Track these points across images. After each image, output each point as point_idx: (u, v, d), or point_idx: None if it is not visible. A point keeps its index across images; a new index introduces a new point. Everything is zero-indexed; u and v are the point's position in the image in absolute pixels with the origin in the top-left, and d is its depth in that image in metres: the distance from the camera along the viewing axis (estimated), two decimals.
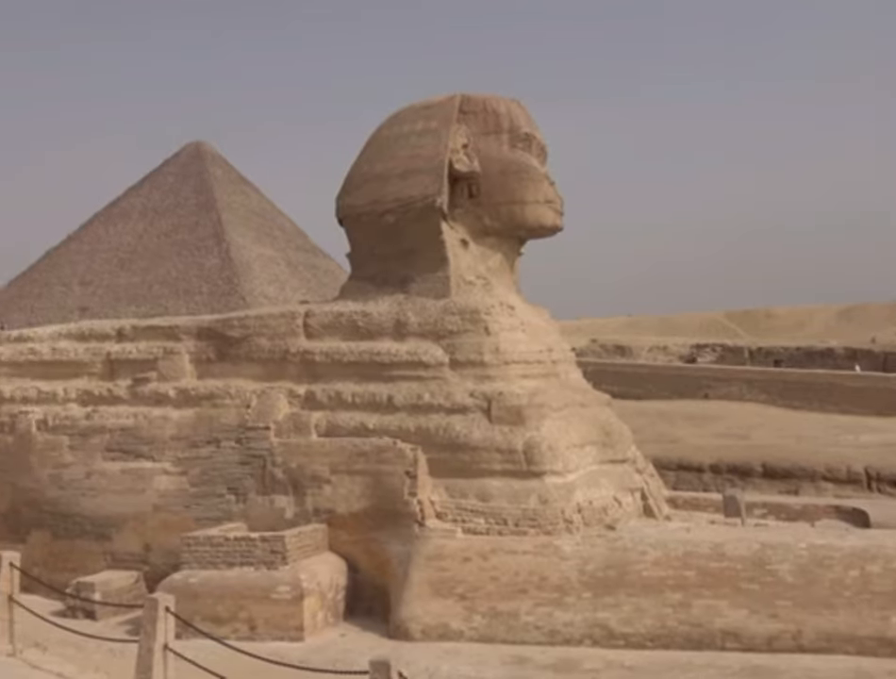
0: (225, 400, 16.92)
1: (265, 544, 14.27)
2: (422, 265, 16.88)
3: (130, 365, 18.20)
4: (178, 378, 17.63)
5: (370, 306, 16.92)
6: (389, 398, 15.83)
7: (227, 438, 16.48)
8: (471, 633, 13.50)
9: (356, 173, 18.05)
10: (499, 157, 17.13)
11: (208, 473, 16.41)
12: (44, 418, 17.94)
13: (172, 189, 66.80)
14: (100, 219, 68.34)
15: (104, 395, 18.04)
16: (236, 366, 17.36)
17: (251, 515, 15.90)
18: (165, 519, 16.46)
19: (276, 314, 17.70)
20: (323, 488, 15.56)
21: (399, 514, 14.80)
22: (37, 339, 19.69)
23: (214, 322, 18.18)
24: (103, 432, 17.43)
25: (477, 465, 14.98)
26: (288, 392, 16.60)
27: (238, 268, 61.59)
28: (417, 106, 17.89)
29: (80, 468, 17.40)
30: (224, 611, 13.88)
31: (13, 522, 17.85)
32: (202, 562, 14.36)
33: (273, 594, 13.84)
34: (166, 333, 18.36)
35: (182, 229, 64.40)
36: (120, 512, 16.84)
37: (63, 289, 64.13)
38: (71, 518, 17.27)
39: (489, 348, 15.87)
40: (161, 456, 16.88)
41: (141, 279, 62.58)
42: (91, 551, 16.97)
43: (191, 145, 70.32)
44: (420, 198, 16.92)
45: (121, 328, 19.11)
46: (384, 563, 14.93)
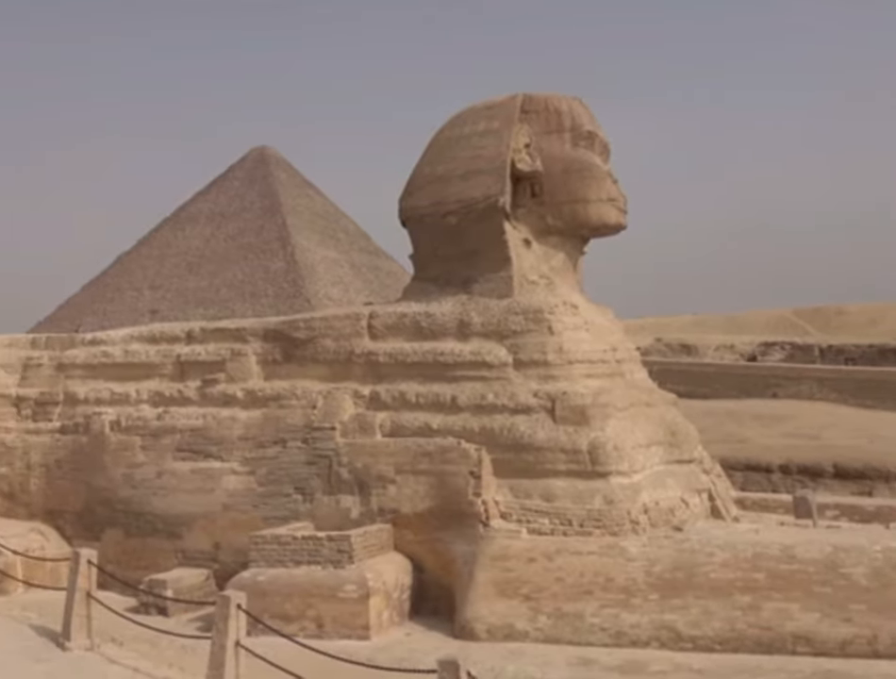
0: (292, 401, 17.15)
1: (332, 543, 14.41)
2: (484, 265, 16.88)
3: (199, 367, 18.55)
4: (246, 379, 17.92)
5: (433, 307, 16.98)
6: (453, 398, 15.87)
7: (294, 439, 16.69)
8: (536, 633, 13.45)
9: (419, 175, 18.13)
10: (561, 156, 17.04)
11: (275, 473, 16.64)
12: (117, 419, 18.39)
13: (238, 193, 67.95)
14: (169, 224, 69.88)
15: (174, 396, 18.43)
16: (302, 367, 17.57)
17: (317, 514, 16.07)
18: (234, 518, 16.74)
19: (341, 315, 17.88)
20: (388, 487, 15.65)
21: (463, 514, 14.82)
22: (110, 341, 20.19)
23: (280, 324, 18.44)
24: (173, 432, 17.80)
25: (542, 465, 14.93)
26: (353, 393, 16.74)
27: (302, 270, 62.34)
28: (478, 106, 17.90)
29: (152, 467, 17.80)
30: (292, 609, 14.05)
31: (88, 521, 18.34)
32: (270, 561, 14.56)
33: (339, 593, 13.97)
34: (234, 335, 18.68)
35: (248, 233, 65.46)
36: (190, 511, 17.17)
37: (134, 292, 65.70)
38: (143, 516, 17.66)
39: (553, 348, 15.80)
40: (230, 456, 17.16)
41: (208, 282, 63.79)
42: (163, 549, 17.33)
43: (256, 150, 71.44)
44: (482, 198, 16.92)
45: (190, 331, 19.50)
46: (449, 563, 14.96)
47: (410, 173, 18.33)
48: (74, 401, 19.41)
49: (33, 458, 19.14)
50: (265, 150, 71.28)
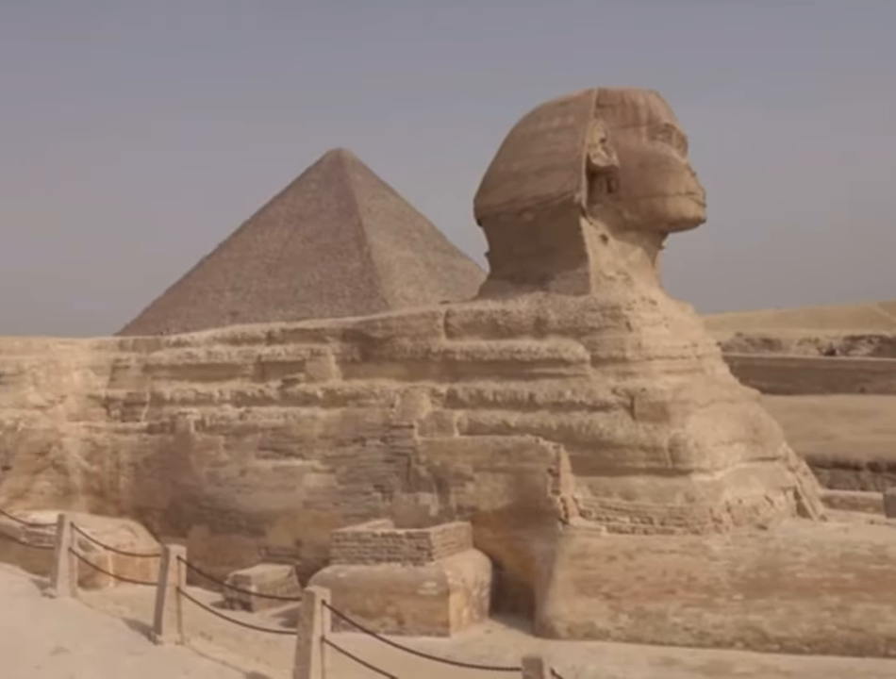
0: (370, 399, 17.33)
1: (411, 541, 14.51)
2: (561, 262, 16.79)
3: (280, 367, 18.88)
4: (325, 379, 18.17)
5: (509, 305, 16.95)
6: (531, 396, 15.82)
7: (373, 437, 16.86)
8: (617, 632, 13.33)
9: (494, 173, 18.12)
10: (638, 150, 16.85)
11: (355, 471, 16.84)
12: (202, 418, 18.84)
13: (315, 195, 68.87)
14: (249, 227, 71.24)
15: (256, 396, 18.79)
16: (380, 366, 17.74)
17: (397, 512, 16.21)
18: (315, 515, 16.99)
19: (418, 315, 17.99)
20: (467, 485, 15.69)
21: (542, 512, 14.77)
22: (193, 343, 20.70)
23: (358, 324, 18.64)
24: (255, 431, 18.15)
25: (621, 463, 14.79)
26: (430, 391, 16.84)
27: (378, 270, 62.86)
28: (553, 102, 17.80)
29: (235, 466, 18.18)
30: (372, 605, 14.20)
31: (175, 518, 18.83)
32: (350, 557, 14.74)
33: (419, 590, 14.07)
34: (313, 335, 18.96)
35: (325, 234, 66.29)
36: (272, 508, 17.48)
37: (216, 295, 67.13)
38: (227, 514, 18.06)
39: (632, 344, 15.63)
40: (310, 455, 17.43)
41: (287, 284, 64.81)
42: (247, 545, 17.69)
43: (332, 152, 72.29)
44: (558, 195, 16.83)
45: (270, 331, 19.86)
46: (528, 561, 14.93)
47: (485, 172, 18.34)
48: (161, 401, 19.96)
49: (122, 457, 19.75)
50: (341, 152, 72.07)
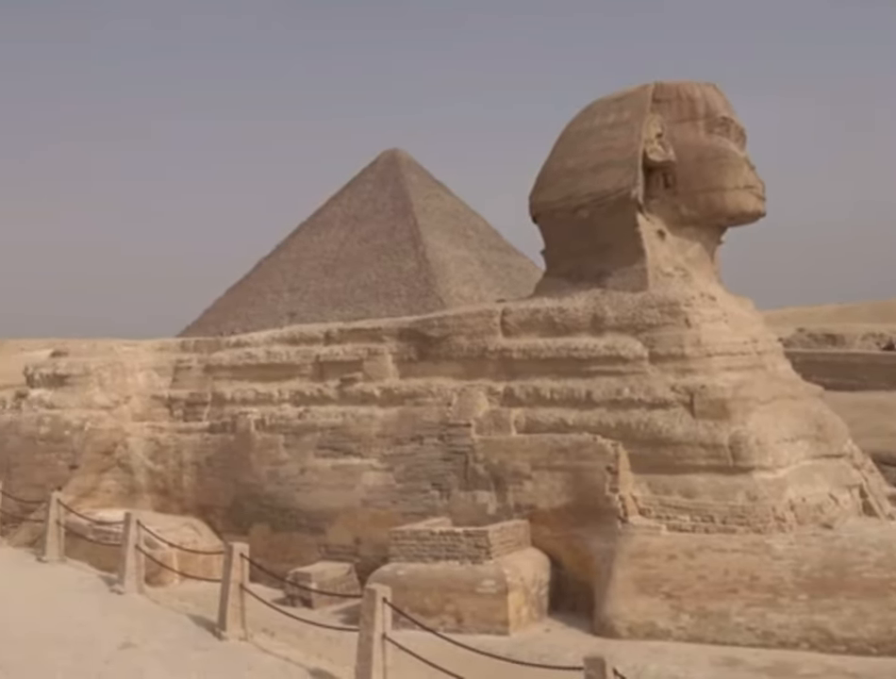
0: (427, 398, 17.39)
1: (469, 539, 14.53)
2: (618, 259, 16.66)
3: (338, 366, 19.05)
4: (382, 378, 18.28)
5: (566, 302, 16.87)
6: (588, 393, 15.73)
7: (430, 436, 16.92)
8: (678, 632, 13.19)
9: (549, 170, 18.05)
10: (695, 144, 16.64)
11: (413, 470, 16.91)
12: (262, 418, 19.09)
13: (370, 196, 69.39)
14: (305, 228, 72.09)
15: (314, 395, 18.98)
16: (436, 365, 17.79)
17: (454, 510, 16.24)
18: (374, 513, 17.09)
19: (474, 313, 18.00)
20: (524, 483, 15.66)
21: (601, 510, 14.68)
22: (253, 343, 21.00)
23: (414, 323, 18.72)
24: (314, 430, 18.33)
25: (681, 460, 14.63)
26: (487, 390, 16.84)
27: (434, 269, 63.11)
28: (608, 98, 17.68)
29: (295, 465, 18.38)
30: (431, 603, 14.25)
31: (237, 516, 19.11)
32: (409, 555, 14.81)
33: (477, 588, 14.08)
34: (370, 335, 19.09)
35: (381, 234, 66.77)
36: (332, 507, 17.63)
37: (274, 295, 68.08)
38: (288, 512, 18.27)
39: (691, 340, 15.45)
40: (368, 453, 17.55)
41: (343, 284, 65.44)
42: (307, 543, 17.86)
43: (387, 153, 72.76)
44: (614, 191, 16.71)
45: (328, 331, 20.05)
46: (587, 559, 14.85)
47: (540, 169, 18.28)
48: (222, 401, 20.28)
49: (185, 456, 20.11)
50: (396, 152, 72.50)
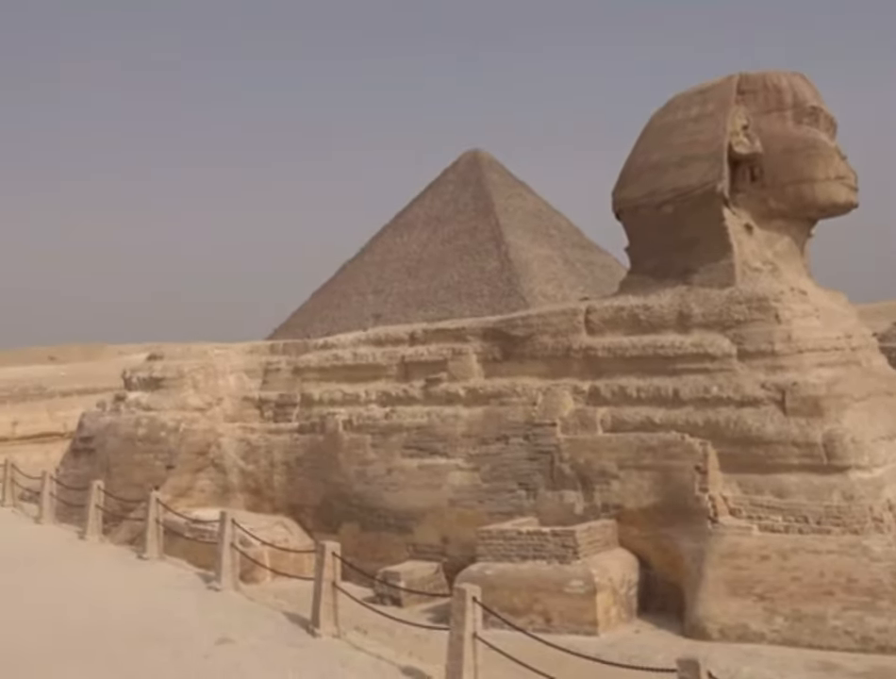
0: (512, 398, 17.41)
1: (556, 539, 14.50)
2: (704, 254, 16.40)
3: (423, 367, 19.22)
4: (467, 378, 18.38)
5: (651, 300, 16.68)
6: (675, 392, 15.53)
7: (515, 435, 16.93)
8: (772, 635, 12.91)
9: (632, 166, 17.88)
10: (783, 135, 16.27)
11: (499, 469, 16.95)
12: (349, 418, 19.40)
13: (452, 197, 69.67)
14: (389, 230, 72.82)
15: (400, 396, 19.20)
16: (521, 364, 17.80)
17: (541, 510, 16.22)
18: (460, 513, 17.20)
19: (558, 312, 17.95)
20: (611, 483, 15.54)
21: (690, 510, 14.48)
22: (339, 345, 21.36)
23: (498, 323, 18.77)
24: (400, 431, 18.53)
25: (772, 459, 14.32)
26: (572, 389, 16.77)
27: (517, 269, 62.99)
28: (691, 91, 17.41)
29: (382, 464, 18.62)
30: (519, 603, 14.26)
31: (326, 515, 19.45)
32: (496, 555, 14.85)
33: (565, 588, 14.03)
34: (454, 335, 19.22)
35: (463, 235, 66.96)
36: (419, 506, 17.80)
37: (359, 298, 68.93)
38: (376, 511, 18.51)
39: (781, 336, 15.10)
40: (454, 453, 17.66)
41: (427, 285, 65.84)
42: (395, 542, 18.07)
43: (469, 153, 72.92)
44: (699, 185, 16.45)
45: (413, 332, 20.26)
46: (676, 560, 14.66)
47: (623, 165, 18.13)
48: (310, 402, 20.68)
49: (276, 457, 20.57)
50: (477, 153, 72.61)
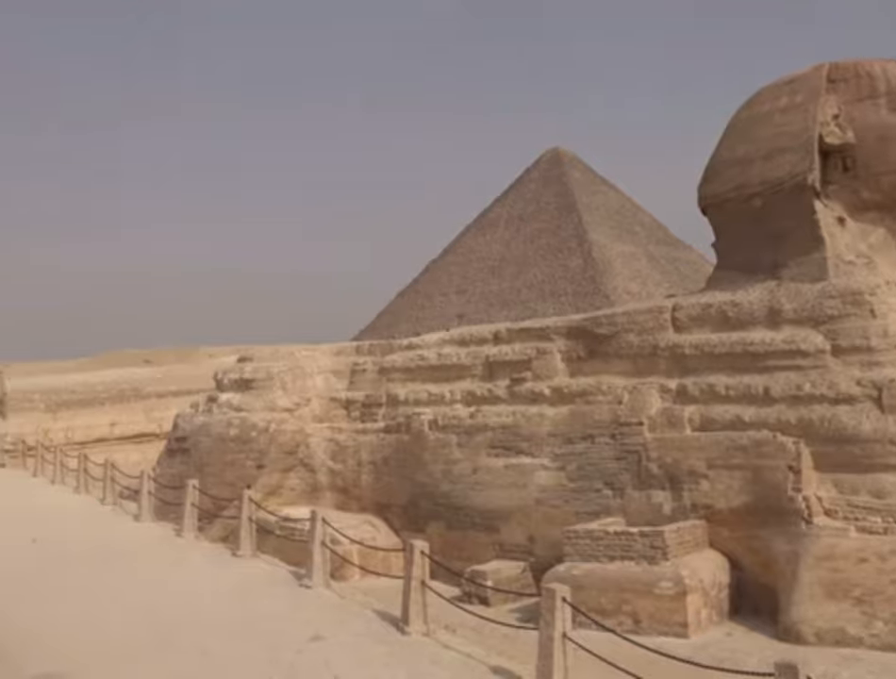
0: (598, 397, 17.27)
1: (644, 539, 14.33)
2: (794, 248, 15.99)
3: (507, 366, 19.23)
4: (552, 377, 18.31)
5: (739, 296, 16.35)
6: (766, 389, 15.17)
7: (601, 434, 16.80)
8: (871, 640, 12.50)
9: (718, 160, 17.56)
10: (877, 124, 15.75)
11: (585, 469, 16.84)
12: (435, 418, 19.53)
13: (534, 195, 69.55)
14: (471, 230, 73.07)
15: (485, 395, 19.24)
16: (606, 363, 17.65)
17: (628, 510, 16.06)
18: (546, 512, 17.14)
19: (643, 309, 17.74)
20: (700, 483, 15.28)
21: (783, 511, 14.13)
22: (424, 345, 21.53)
23: (582, 321, 18.66)
24: (485, 430, 18.57)
25: (869, 459, 13.86)
26: (659, 387, 16.55)
27: (600, 267, 62.56)
28: (779, 82, 17.02)
29: (467, 464, 18.69)
30: (607, 603, 14.13)
31: (413, 514, 19.62)
32: (583, 555, 14.75)
33: (655, 589, 13.85)
34: (538, 334, 19.17)
35: (545, 233, 66.79)
36: (504, 505, 17.81)
37: (442, 298, 69.34)
38: (462, 510, 18.59)
39: (877, 332, 14.62)
40: (540, 453, 17.61)
41: (510, 284, 65.87)
42: (481, 541, 18.11)
43: (550, 151, 72.70)
44: (788, 178, 16.06)
45: (497, 332, 20.29)
46: (769, 561, 14.33)
47: (709, 159, 17.82)
48: (396, 402, 20.89)
49: (363, 456, 20.85)
50: (558, 150, 72.34)
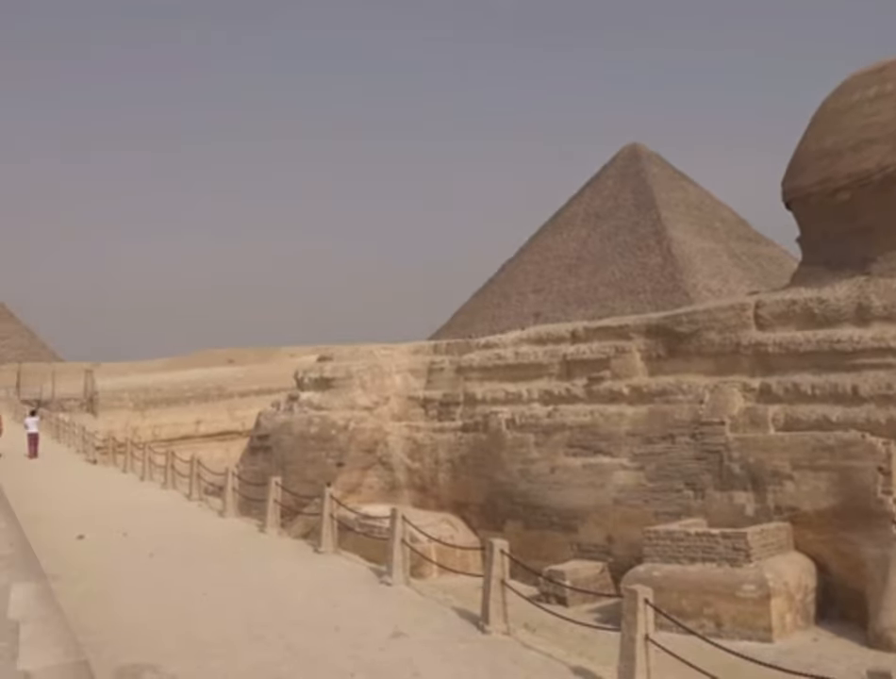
0: (678, 396, 17.01)
1: (727, 541, 14.04)
2: (884, 242, 15.48)
3: (585, 365, 19.09)
4: (630, 376, 18.11)
5: (825, 292, 15.91)
6: (854, 388, 14.72)
7: (682, 434, 16.53)
8: None
9: (803, 153, 17.13)
10: None
11: (665, 469, 16.60)
12: (512, 417, 19.49)
13: (611, 192, 68.96)
14: (547, 229, 72.86)
15: (562, 394, 19.12)
16: (686, 362, 17.37)
17: (709, 511, 15.77)
18: (625, 512, 16.95)
19: (725, 307, 17.41)
20: (785, 484, 14.91)
21: (872, 513, 13.68)
22: (501, 344, 21.51)
23: (662, 319, 18.39)
24: (563, 429, 18.46)
25: None
26: (741, 386, 16.21)
27: (679, 264, 61.73)
28: (866, 71, 16.51)
29: (545, 463, 18.61)
30: (688, 606, 13.89)
31: (491, 513, 19.61)
32: (663, 556, 14.54)
33: (737, 592, 13.56)
34: (616, 332, 18.98)
35: (623, 231, 66.15)
36: (582, 505, 17.68)
37: (519, 297, 69.25)
38: (540, 510, 18.51)
39: None
40: (618, 452, 17.43)
41: (587, 283, 65.43)
42: (559, 541, 18.01)
43: (627, 147, 71.99)
44: (877, 170, 15.57)
45: (574, 330, 20.15)
46: (857, 565, 13.89)
47: (793, 153, 17.39)
48: (473, 401, 20.92)
49: (440, 455, 20.93)
50: (636, 146, 71.61)
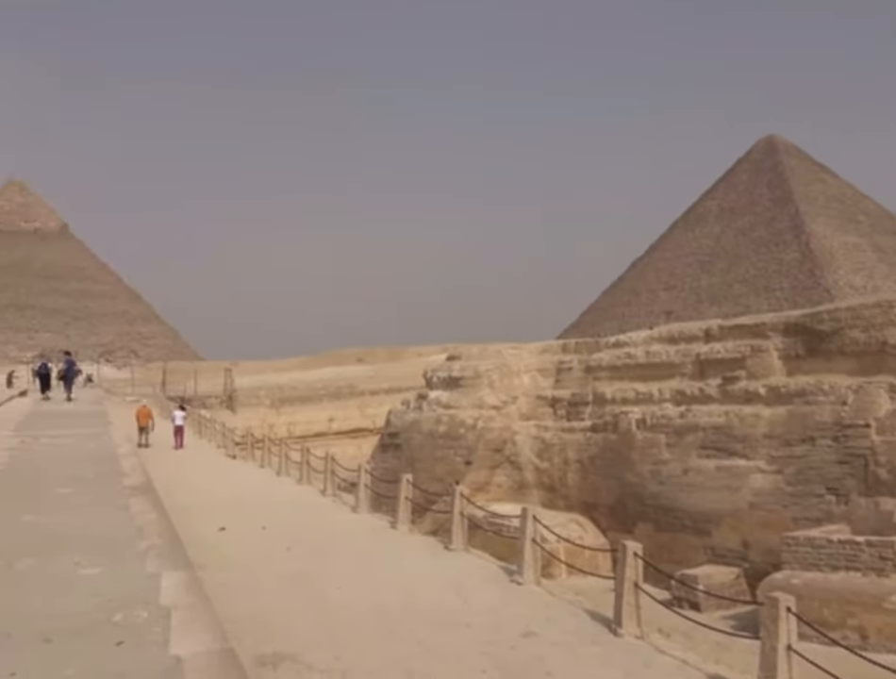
0: (819, 396, 16.35)
1: (873, 549, 13.40)
2: None
3: (718, 364, 18.58)
4: (768, 376, 17.52)
5: None
6: None
7: (823, 437, 15.88)
8: None
9: None
10: None
11: (804, 473, 15.98)
12: (643, 417, 19.17)
13: (746, 187, 66.96)
14: (679, 226, 71.39)
15: (695, 394, 18.68)
16: (827, 361, 16.69)
17: (853, 517, 15.09)
18: (762, 517, 16.41)
19: (871, 304, 16.63)
20: None
21: None
22: (631, 343, 21.18)
23: (801, 317, 17.73)
24: (696, 430, 18.02)
25: None
26: (888, 387, 15.45)
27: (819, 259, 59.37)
28: None
29: (677, 465, 18.21)
30: (830, 616, 13.34)
31: (620, 515, 19.34)
32: (803, 563, 14.00)
33: (885, 603, 12.92)
34: (752, 331, 18.40)
35: (758, 226, 64.13)
36: (716, 508, 17.22)
37: (649, 294, 68.07)
38: (671, 512, 18.14)
39: None
40: (755, 454, 16.89)
41: (720, 280, 63.73)
42: (691, 544, 17.61)
43: (763, 140, 69.72)
44: None
45: (708, 329, 19.65)
46: None
47: None
48: (602, 401, 20.68)
49: (569, 455, 20.78)
50: (773, 138, 69.20)
